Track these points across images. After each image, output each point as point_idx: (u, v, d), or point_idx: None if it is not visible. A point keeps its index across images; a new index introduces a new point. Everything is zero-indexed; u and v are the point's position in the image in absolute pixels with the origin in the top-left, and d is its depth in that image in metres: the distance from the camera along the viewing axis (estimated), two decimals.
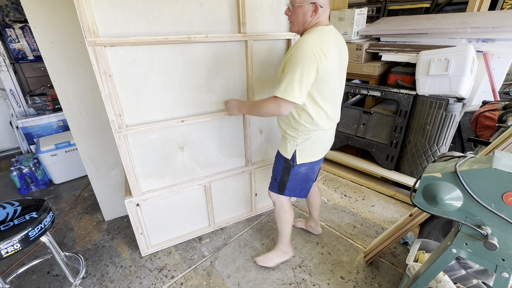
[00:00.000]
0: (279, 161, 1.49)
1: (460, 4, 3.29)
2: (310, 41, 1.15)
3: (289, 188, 1.50)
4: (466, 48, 1.93)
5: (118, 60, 1.31)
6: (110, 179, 2.10)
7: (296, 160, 1.40)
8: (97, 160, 2.00)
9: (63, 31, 1.62)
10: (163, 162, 1.65)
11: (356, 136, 2.64)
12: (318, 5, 1.19)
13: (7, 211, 1.31)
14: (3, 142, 3.42)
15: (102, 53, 1.24)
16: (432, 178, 0.91)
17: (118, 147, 1.45)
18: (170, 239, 1.92)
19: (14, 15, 2.97)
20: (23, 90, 3.15)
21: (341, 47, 1.29)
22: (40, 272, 1.76)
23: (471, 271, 1.25)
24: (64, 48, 1.66)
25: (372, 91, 2.47)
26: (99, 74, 1.27)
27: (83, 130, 1.87)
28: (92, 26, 1.19)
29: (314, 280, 1.65)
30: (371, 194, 2.46)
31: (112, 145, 1.98)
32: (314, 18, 1.22)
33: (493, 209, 0.82)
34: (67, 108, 1.78)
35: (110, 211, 2.19)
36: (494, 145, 1.20)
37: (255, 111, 1.37)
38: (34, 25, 1.55)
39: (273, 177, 1.56)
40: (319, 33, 1.19)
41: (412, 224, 1.49)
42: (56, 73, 1.69)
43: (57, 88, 1.72)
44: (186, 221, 1.93)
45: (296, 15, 1.24)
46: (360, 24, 2.66)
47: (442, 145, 2.15)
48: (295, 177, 1.47)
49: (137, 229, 1.72)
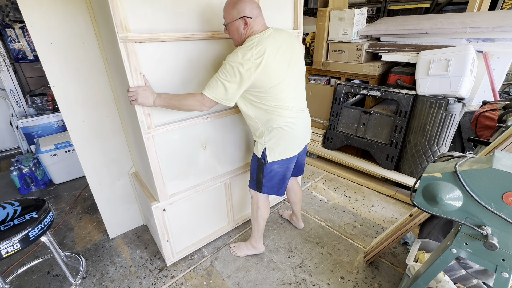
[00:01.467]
0: (254, 159, 1.56)
1: (460, 4, 3.29)
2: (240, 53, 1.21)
3: (266, 186, 1.55)
4: (466, 48, 1.93)
5: (147, 57, 1.27)
6: (115, 191, 1.92)
7: (267, 158, 1.45)
8: (100, 171, 1.81)
9: (64, 30, 1.45)
10: (187, 162, 1.62)
11: (356, 136, 2.64)
12: (246, 17, 1.25)
13: (7, 211, 1.31)
14: (3, 142, 3.42)
15: (133, 50, 1.20)
16: (432, 178, 0.91)
17: (147, 149, 1.39)
18: (193, 243, 1.86)
19: (14, 15, 2.97)
20: (23, 90, 3.15)
21: (287, 43, 1.34)
22: (40, 272, 1.76)
23: (471, 271, 1.25)
24: (65, 49, 1.48)
25: (372, 91, 2.47)
26: (130, 72, 1.22)
27: (86, 139, 1.70)
28: (124, 21, 1.15)
29: (314, 280, 1.65)
30: (371, 194, 2.46)
31: (117, 153, 1.84)
32: (248, 30, 1.28)
33: (493, 209, 0.82)
34: (68, 116, 1.60)
35: (115, 227, 2.02)
36: (494, 145, 1.20)
37: (174, 104, 1.31)
38: (31, 24, 1.35)
39: (251, 175, 1.62)
40: (251, 43, 1.24)
41: (412, 224, 1.49)
42: (56, 77, 1.50)
43: (57, 93, 1.53)
44: (207, 222, 1.89)
45: (232, 32, 1.31)
46: (360, 24, 2.66)
47: (442, 145, 2.15)
48: (269, 175, 1.51)
49: (163, 236, 1.64)
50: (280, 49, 1.28)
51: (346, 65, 2.73)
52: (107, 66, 1.60)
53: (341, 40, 2.70)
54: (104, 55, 1.58)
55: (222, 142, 1.75)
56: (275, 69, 1.26)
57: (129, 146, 1.86)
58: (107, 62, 1.58)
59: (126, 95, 1.39)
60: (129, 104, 1.39)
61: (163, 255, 1.74)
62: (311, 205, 2.31)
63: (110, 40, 1.33)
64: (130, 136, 1.75)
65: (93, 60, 1.56)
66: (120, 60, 1.22)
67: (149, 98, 1.26)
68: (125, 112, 1.65)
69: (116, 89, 1.66)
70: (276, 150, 1.43)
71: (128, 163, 1.91)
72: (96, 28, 1.51)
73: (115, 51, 1.26)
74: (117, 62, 1.34)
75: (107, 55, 1.55)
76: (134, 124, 1.47)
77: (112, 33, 1.21)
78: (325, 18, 2.72)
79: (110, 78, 1.64)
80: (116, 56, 1.31)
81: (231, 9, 1.26)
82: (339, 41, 2.72)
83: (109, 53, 1.49)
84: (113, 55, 1.39)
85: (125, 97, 1.46)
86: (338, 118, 2.75)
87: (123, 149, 1.85)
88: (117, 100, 1.70)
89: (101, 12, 1.31)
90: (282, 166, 1.50)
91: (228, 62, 1.22)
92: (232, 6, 1.26)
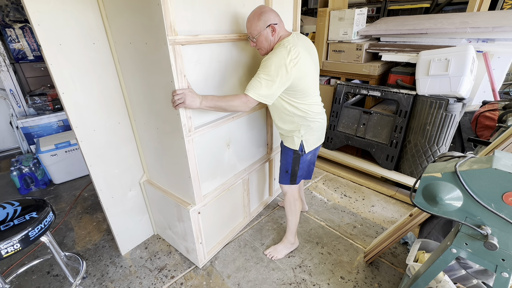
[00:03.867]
0: (288, 154, 1.61)
1: (460, 4, 3.29)
2: (280, 55, 1.28)
3: (300, 176, 1.66)
4: (466, 48, 1.93)
5: (187, 59, 1.27)
6: (126, 203, 1.79)
7: (305, 149, 1.56)
8: (112, 183, 1.67)
9: (73, 30, 1.29)
10: (215, 162, 1.64)
11: (356, 136, 2.64)
12: (273, 25, 1.33)
13: (7, 211, 1.31)
14: (3, 142, 3.42)
15: (179, 52, 1.20)
16: (432, 178, 0.91)
17: (187, 152, 1.37)
18: (218, 242, 1.89)
19: (14, 15, 2.97)
20: (23, 90, 3.15)
21: (308, 45, 1.46)
22: (40, 272, 1.76)
23: (471, 271, 1.25)
24: (74, 51, 1.32)
25: (372, 91, 2.47)
26: (176, 75, 1.21)
27: (98, 150, 1.55)
28: (173, 23, 1.14)
29: (314, 280, 1.65)
30: (371, 194, 2.46)
31: (129, 162, 1.72)
32: (275, 36, 1.37)
33: (493, 209, 0.82)
34: (78, 126, 1.43)
35: (128, 241, 1.88)
36: (494, 145, 1.20)
37: (221, 105, 1.33)
38: (38, 22, 1.18)
39: (283, 170, 1.67)
40: (286, 45, 1.30)
41: (412, 224, 1.49)
42: (65, 83, 1.33)
43: (66, 101, 1.36)
44: (228, 219, 1.93)
45: (261, 42, 1.38)
46: (360, 24, 2.66)
47: (442, 145, 2.15)
48: (303, 164, 1.63)
49: (197, 239, 1.63)
50: (306, 50, 1.39)
51: (346, 65, 2.73)
52: (119, 69, 1.50)
53: (341, 40, 2.70)
54: (116, 56, 1.47)
55: (242, 140, 1.81)
56: (308, 69, 1.38)
57: (141, 154, 1.76)
58: (119, 64, 1.49)
59: (152, 99, 1.38)
60: (151, 108, 1.40)
61: (194, 259, 1.75)
62: (311, 205, 2.31)
63: (141, 41, 1.27)
64: (146, 142, 1.67)
65: (104, 62, 1.45)
66: (161, 63, 1.20)
67: (196, 100, 1.27)
68: (144, 117, 1.56)
69: (132, 93, 1.54)
70: (311, 140, 1.56)
71: (139, 172, 1.81)
72: (107, 27, 1.40)
73: (154, 53, 1.23)
74: (150, 65, 1.30)
75: (119, 56, 1.46)
76: (165, 129, 1.44)
77: (154, 35, 1.18)
78: (325, 18, 2.72)
79: (121, 81, 1.54)
80: (153, 59, 1.26)
81: (257, 21, 1.32)
82: (339, 41, 2.72)
83: (124, 54, 1.42)
84: (140, 57, 1.33)
85: (151, 101, 1.42)
86: (338, 118, 2.75)
87: (135, 157, 1.75)
88: (129, 105, 1.60)
89: (129, 12, 1.24)
90: (313, 153, 1.65)
91: (270, 63, 1.27)
92: (257, 19, 1.32)
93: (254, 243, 1.93)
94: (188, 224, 1.59)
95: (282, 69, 1.26)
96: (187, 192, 1.55)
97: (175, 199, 1.62)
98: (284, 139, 1.62)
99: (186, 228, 1.64)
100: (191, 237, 1.64)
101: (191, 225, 1.57)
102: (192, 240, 1.65)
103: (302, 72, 1.33)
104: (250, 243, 1.93)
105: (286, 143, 1.62)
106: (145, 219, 1.95)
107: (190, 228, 1.60)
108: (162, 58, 1.20)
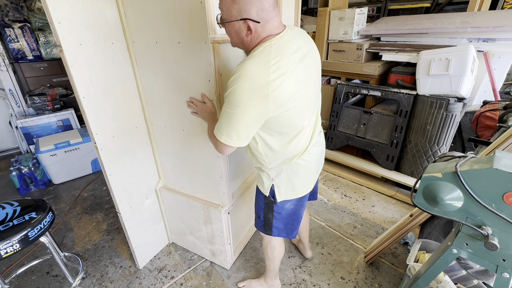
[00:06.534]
0: (259, 197, 1.25)
1: (460, 4, 3.28)
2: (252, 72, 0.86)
3: (277, 227, 1.25)
4: (466, 47, 1.93)
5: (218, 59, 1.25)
6: (143, 212, 1.69)
7: (276, 197, 1.16)
8: (130, 192, 1.57)
9: (92, 29, 1.21)
10: (238, 159, 1.60)
11: (356, 136, 2.63)
12: (251, 23, 0.87)
13: (6, 211, 1.30)
14: (2, 142, 3.41)
15: (217, 51, 1.18)
16: (433, 178, 0.91)
17: None
18: (240, 241, 1.88)
19: (13, 15, 2.97)
20: (22, 90, 3.15)
21: (308, 46, 1.01)
22: (39, 273, 1.76)
23: (471, 271, 1.25)
24: (94, 52, 1.23)
25: (372, 91, 2.47)
26: (213, 74, 1.18)
27: (117, 158, 1.45)
28: (213, 22, 1.12)
29: (314, 281, 1.65)
30: (372, 194, 2.46)
31: (145, 168, 1.63)
32: (253, 37, 0.91)
33: (494, 209, 0.82)
34: (99, 133, 1.32)
35: (145, 253, 1.79)
36: (494, 145, 1.19)
37: (208, 132, 1.11)
38: (58, 20, 1.08)
39: (256, 214, 1.31)
40: (265, 55, 0.88)
41: (413, 225, 1.49)
42: (86, 86, 1.22)
43: (87, 106, 1.25)
44: (247, 218, 1.92)
45: (229, 33, 0.95)
46: (361, 24, 2.66)
47: (443, 145, 2.15)
48: (280, 215, 1.22)
49: (227, 240, 1.61)
50: (300, 58, 0.94)
51: (347, 65, 2.73)
52: (136, 70, 1.42)
53: (341, 40, 2.69)
54: (133, 57, 1.39)
55: None
56: (295, 90, 0.92)
57: (156, 159, 1.67)
58: (136, 65, 1.41)
59: (180, 100, 1.34)
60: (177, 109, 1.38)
61: (221, 261, 1.74)
62: (311, 205, 2.31)
63: (172, 41, 1.22)
64: (165, 146, 1.59)
65: (122, 63, 1.37)
66: (199, 62, 1.18)
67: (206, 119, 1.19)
68: (165, 120, 1.48)
69: (151, 96, 1.46)
70: (287, 188, 1.15)
71: (155, 178, 1.72)
72: (125, 26, 1.32)
73: (189, 53, 1.20)
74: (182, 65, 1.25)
75: (137, 57, 1.38)
76: (195, 130, 1.40)
77: (192, 33, 1.15)
78: (325, 18, 2.71)
79: (138, 83, 1.46)
80: (186, 58, 1.22)
81: (231, 3, 0.86)
82: (339, 41, 2.72)
83: (146, 55, 1.35)
84: (168, 57, 1.28)
85: (178, 102, 1.36)
86: (339, 118, 2.74)
87: (150, 163, 1.66)
88: (146, 108, 1.52)
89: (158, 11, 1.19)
90: (296, 204, 1.21)
91: (237, 87, 0.86)
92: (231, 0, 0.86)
93: (254, 243, 1.93)
94: (217, 226, 1.57)
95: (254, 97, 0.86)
96: (217, 193, 1.52)
97: (201, 202, 1.58)
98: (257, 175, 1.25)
99: (214, 230, 1.61)
100: (220, 239, 1.62)
101: (221, 226, 1.54)
102: (221, 242, 1.63)
103: (284, 98, 0.89)
104: (250, 243, 1.93)
105: (257, 181, 1.25)
106: (160, 227, 1.86)
107: (220, 229, 1.57)
108: (200, 57, 1.17)
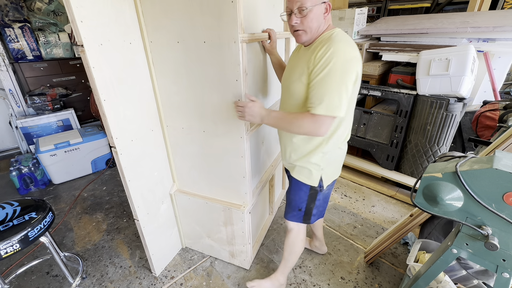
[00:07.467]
0: (302, 190, 1.28)
1: (460, 4, 3.28)
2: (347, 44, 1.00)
3: (315, 214, 1.35)
4: (466, 47, 1.92)
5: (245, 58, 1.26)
6: (159, 217, 1.65)
7: (323, 184, 1.24)
8: (147, 197, 1.52)
9: (113, 28, 1.16)
10: (255, 160, 1.61)
11: (356, 136, 2.63)
12: (327, 3, 1.03)
13: (6, 211, 1.30)
14: (2, 142, 3.41)
15: (244, 50, 1.18)
16: (433, 178, 0.91)
17: (245, 151, 1.37)
18: (257, 241, 1.90)
19: (13, 15, 2.97)
20: (22, 90, 3.14)
21: None
22: (39, 273, 1.76)
23: (471, 271, 1.25)
24: (114, 52, 1.19)
25: (372, 91, 2.46)
26: (241, 73, 1.19)
27: (135, 162, 1.40)
28: (242, 22, 1.12)
29: (314, 281, 1.65)
30: (372, 194, 2.46)
31: (160, 172, 1.59)
32: (326, 21, 1.05)
33: (494, 209, 0.82)
34: (119, 137, 1.27)
35: (162, 260, 1.75)
36: (494, 145, 1.19)
37: (285, 126, 1.12)
38: (80, 18, 1.03)
39: (295, 207, 1.34)
40: (342, 34, 1.03)
41: (413, 225, 1.48)
42: (106, 88, 1.17)
43: (108, 110, 1.19)
44: (261, 217, 1.96)
45: (310, 21, 1.02)
46: (361, 24, 2.66)
47: (443, 145, 2.15)
48: (320, 201, 1.32)
49: (248, 240, 1.60)
50: None
51: None
52: (152, 71, 1.39)
53: None
54: (150, 57, 1.36)
55: (269, 135, 1.82)
56: None
57: (171, 162, 1.64)
58: (153, 65, 1.38)
59: (202, 101, 1.34)
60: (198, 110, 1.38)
61: (241, 262, 1.73)
62: None
63: (197, 40, 1.21)
64: (182, 148, 1.57)
65: (139, 64, 1.33)
66: (226, 61, 1.19)
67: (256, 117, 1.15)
68: (184, 121, 1.47)
69: (168, 97, 1.44)
70: (331, 173, 1.25)
71: (169, 182, 1.69)
72: (143, 26, 1.29)
73: (216, 52, 1.19)
74: (207, 65, 1.25)
75: (153, 57, 1.35)
76: (217, 131, 1.40)
77: (221, 32, 1.14)
78: None
79: (154, 84, 1.42)
80: (212, 58, 1.22)
81: None
82: None
83: (165, 55, 1.33)
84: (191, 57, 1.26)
85: (200, 103, 1.36)
86: None
87: (165, 166, 1.63)
88: (161, 109, 1.49)
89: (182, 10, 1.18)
90: (331, 186, 1.32)
91: (338, 59, 0.96)
92: None
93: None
94: (239, 226, 1.57)
95: (354, 64, 0.98)
96: (238, 193, 1.52)
97: (221, 203, 1.57)
98: (295, 170, 1.26)
99: (235, 231, 1.60)
100: (241, 239, 1.62)
101: (243, 226, 1.54)
102: (242, 242, 1.63)
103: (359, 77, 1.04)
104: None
105: (299, 177, 1.25)
106: (174, 232, 1.83)
107: (242, 229, 1.57)
108: (228, 56, 1.17)
